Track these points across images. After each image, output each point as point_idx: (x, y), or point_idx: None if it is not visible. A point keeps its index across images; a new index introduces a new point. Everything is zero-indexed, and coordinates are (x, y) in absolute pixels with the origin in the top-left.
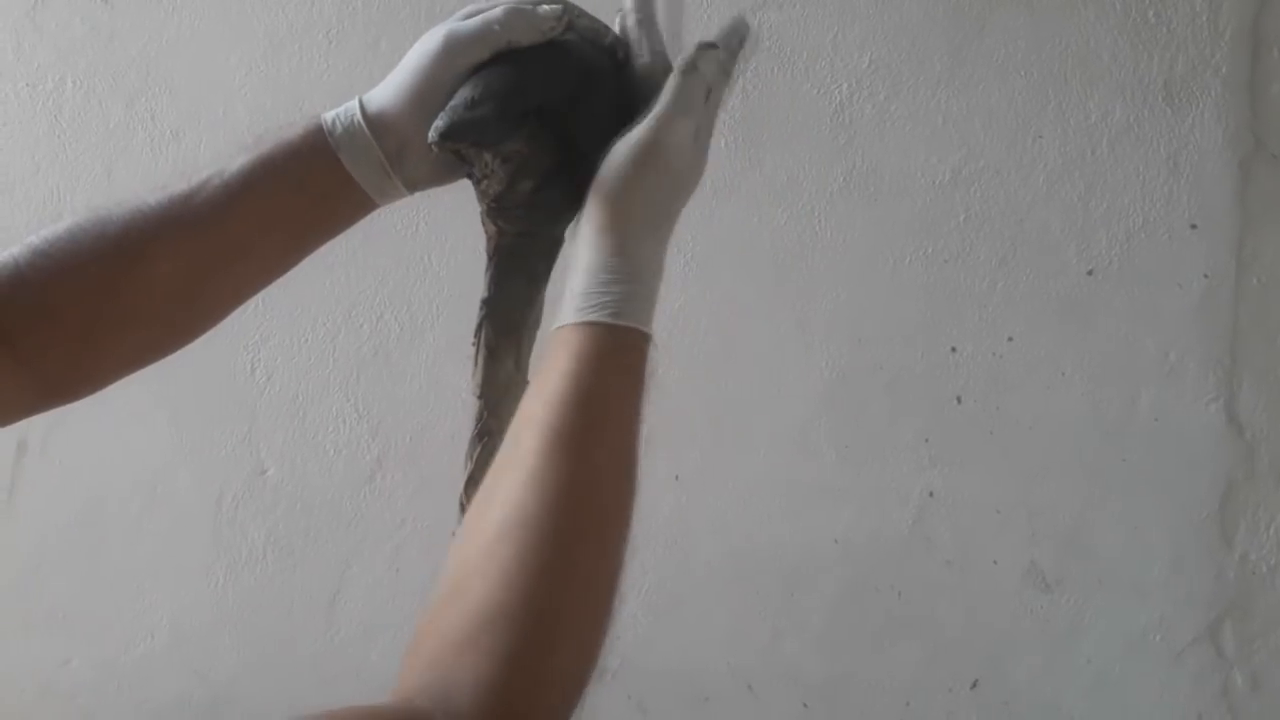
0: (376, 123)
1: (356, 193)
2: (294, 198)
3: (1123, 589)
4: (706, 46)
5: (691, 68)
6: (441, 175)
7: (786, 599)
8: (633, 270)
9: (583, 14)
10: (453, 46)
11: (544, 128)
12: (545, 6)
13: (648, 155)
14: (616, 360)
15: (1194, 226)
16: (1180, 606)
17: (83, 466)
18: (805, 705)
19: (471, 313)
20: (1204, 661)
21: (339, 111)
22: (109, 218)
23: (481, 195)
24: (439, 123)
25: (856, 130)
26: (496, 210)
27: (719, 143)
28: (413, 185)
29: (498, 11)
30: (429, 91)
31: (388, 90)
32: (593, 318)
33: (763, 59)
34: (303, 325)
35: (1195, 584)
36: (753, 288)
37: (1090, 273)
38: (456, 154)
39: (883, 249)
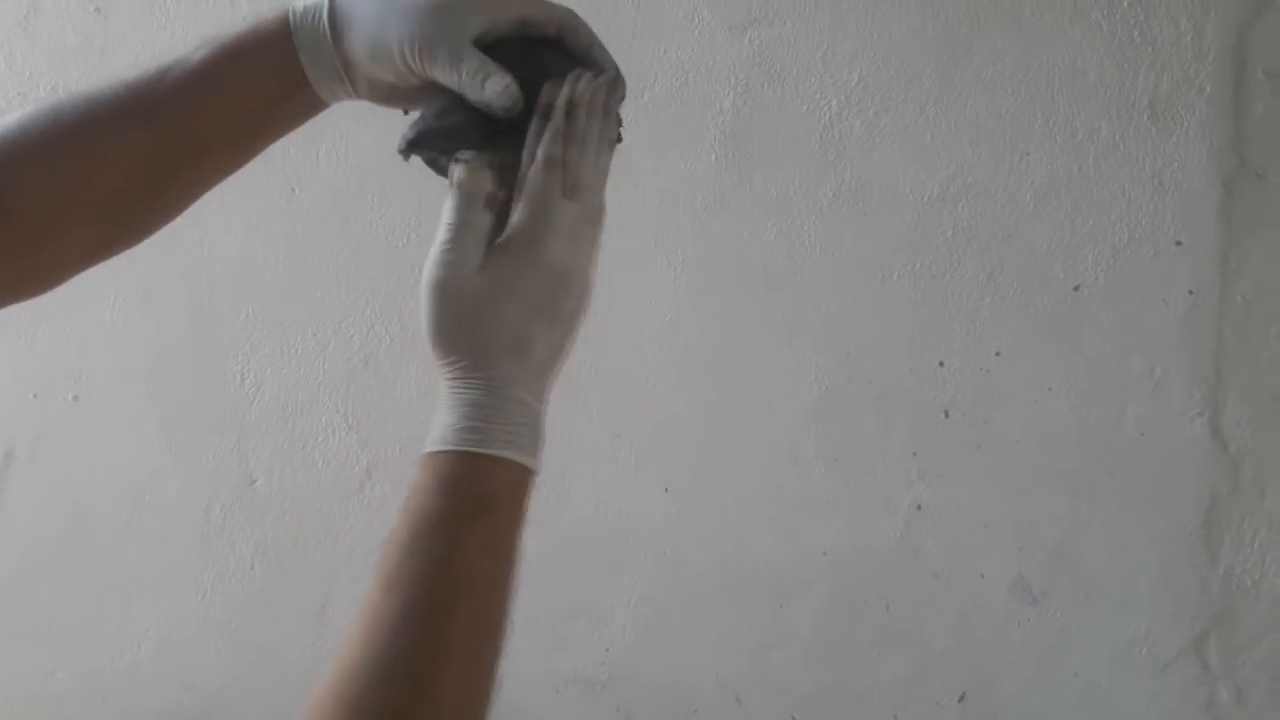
0: (339, 27)
1: (309, 92)
2: (253, 92)
3: (1109, 602)
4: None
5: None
6: (389, 98)
7: (775, 611)
8: (451, 401)
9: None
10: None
11: (517, 137)
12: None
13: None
14: (434, 489)
15: (1179, 243)
16: (1166, 620)
17: (70, 475)
18: (793, 717)
19: None
20: (1189, 675)
21: (308, 6)
22: (62, 109)
23: None
24: (408, 132)
25: (846, 146)
26: None
27: (710, 157)
28: (364, 95)
29: None
30: (399, 16)
31: (363, 2)
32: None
33: (754, 75)
34: (293, 336)
35: (1181, 597)
36: (742, 301)
37: (1077, 288)
38: (433, 163)
39: (872, 264)
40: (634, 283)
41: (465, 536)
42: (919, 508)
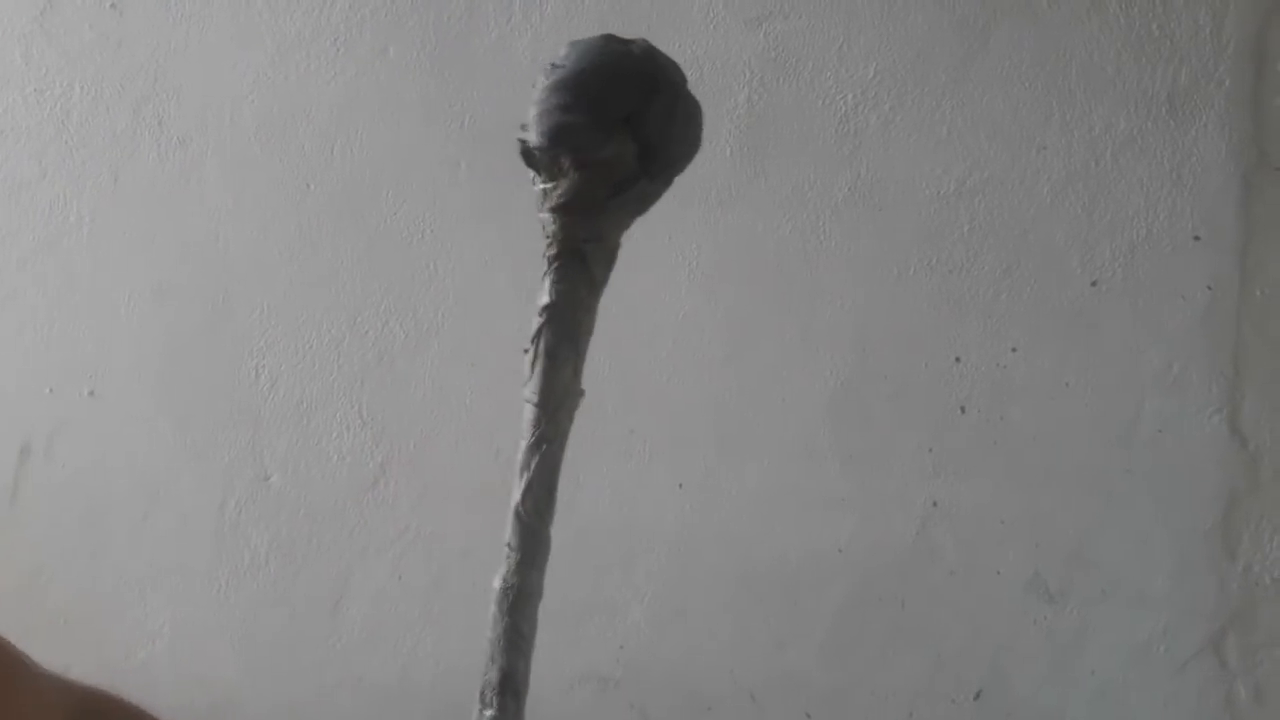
0: None
1: None
2: None
3: (1126, 600)
4: None
5: None
6: None
7: (790, 608)
8: None
9: None
10: None
11: (630, 136)
12: None
13: None
14: None
15: (1197, 238)
16: (1184, 617)
17: (86, 470)
18: (808, 715)
19: (476, 321)
20: (1207, 673)
21: None
22: None
23: (548, 198)
24: (540, 126)
25: (861, 140)
26: (564, 214)
27: (724, 152)
28: None
29: None
30: None
31: None
32: None
33: (769, 69)
34: (307, 331)
35: (1199, 595)
36: (757, 296)
37: (1094, 284)
38: (527, 156)
39: (887, 259)
40: (647, 278)
41: None
42: (935, 504)
